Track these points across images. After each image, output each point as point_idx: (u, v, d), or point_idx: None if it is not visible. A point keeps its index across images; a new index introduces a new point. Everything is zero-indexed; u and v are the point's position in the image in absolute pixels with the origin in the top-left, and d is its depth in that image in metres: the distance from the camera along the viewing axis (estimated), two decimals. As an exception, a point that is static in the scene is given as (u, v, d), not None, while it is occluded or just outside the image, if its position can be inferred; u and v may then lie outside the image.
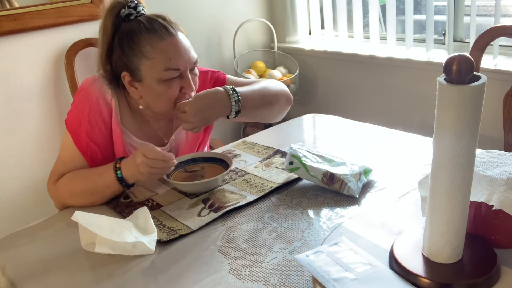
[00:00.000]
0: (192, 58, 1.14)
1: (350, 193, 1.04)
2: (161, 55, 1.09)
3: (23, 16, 1.75)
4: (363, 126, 1.49)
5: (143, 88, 1.14)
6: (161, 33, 1.10)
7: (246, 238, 0.93)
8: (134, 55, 1.11)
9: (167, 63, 1.10)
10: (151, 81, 1.12)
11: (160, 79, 1.11)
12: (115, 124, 1.17)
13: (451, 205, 0.72)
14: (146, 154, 1.04)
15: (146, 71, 1.11)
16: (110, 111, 1.16)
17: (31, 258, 0.95)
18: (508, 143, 1.48)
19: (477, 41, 1.50)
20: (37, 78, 1.87)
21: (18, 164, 1.88)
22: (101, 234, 0.90)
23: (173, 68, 1.10)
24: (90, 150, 1.15)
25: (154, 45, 1.09)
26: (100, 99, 1.15)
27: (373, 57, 2.29)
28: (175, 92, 1.13)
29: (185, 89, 1.14)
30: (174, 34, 1.12)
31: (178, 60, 1.11)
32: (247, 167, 1.24)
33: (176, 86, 1.13)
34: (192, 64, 1.15)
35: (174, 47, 1.11)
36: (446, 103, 0.67)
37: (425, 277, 0.74)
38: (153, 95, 1.14)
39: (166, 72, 1.10)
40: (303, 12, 2.66)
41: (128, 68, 1.13)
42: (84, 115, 1.14)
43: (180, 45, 1.12)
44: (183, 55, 1.12)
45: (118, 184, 1.08)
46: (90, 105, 1.14)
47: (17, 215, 1.90)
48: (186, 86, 1.14)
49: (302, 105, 2.69)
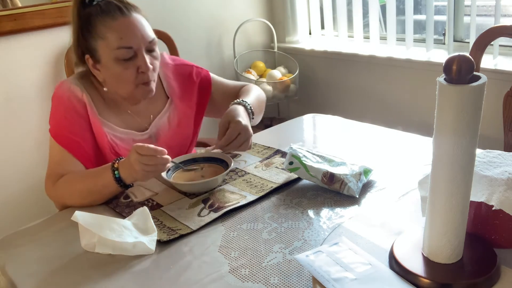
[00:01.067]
0: (147, 38, 1.17)
1: (350, 193, 1.04)
2: (113, 34, 1.13)
3: (23, 16, 1.76)
4: (363, 126, 1.49)
5: (104, 70, 1.18)
6: (114, 14, 1.14)
7: (246, 238, 0.93)
8: (92, 37, 1.15)
9: (119, 42, 1.13)
10: (108, 61, 1.15)
11: (116, 58, 1.14)
12: (93, 117, 1.20)
13: (451, 205, 0.72)
14: (138, 150, 1.04)
15: (103, 51, 1.15)
16: (84, 106, 1.19)
17: (31, 258, 0.95)
18: (508, 143, 1.48)
19: (477, 41, 1.50)
20: (37, 78, 1.87)
21: (18, 164, 1.88)
22: (101, 234, 0.90)
23: (125, 46, 1.13)
24: (75, 145, 1.18)
25: (107, 25, 1.13)
26: (71, 97, 1.19)
27: (373, 57, 2.29)
28: (132, 72, 1.16)
29: (142, 68, 1.16)
30: (128, 14, 1.15)
31: (130, 38, 1.14)
32: (247, 167, 1.24)
33: (132, 66, 1.16)
34: (147, 43, 1.17)
35: (125, 26, 1.14)
36: (446, 103, 0.67)
37: (425, 277, 0.74)
38: (112, 76, 1.18)
39: (119, 51, 1.13)
40: (303, 12, 2.66)
41: (89, 51, 1.18)
42: (61, 116, 1.19)
43: (132, 24, 1.15)
44: (135, 33, 1.14)
45: (116, 184, 1.08)
46: (64, 106, 1.19)
47: (17, 215, 1.90)
48: (142, 65, 1.16)
49: (302, 105, 2.69)
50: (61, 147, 1.17)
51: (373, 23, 2.32)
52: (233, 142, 1.18)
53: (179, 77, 1.37)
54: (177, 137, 1.34)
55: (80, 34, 1.17)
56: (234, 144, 1.18)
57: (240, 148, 1.19)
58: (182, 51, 2.04)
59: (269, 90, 2.45)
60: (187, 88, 1.37)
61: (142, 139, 1.28)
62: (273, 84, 2.46)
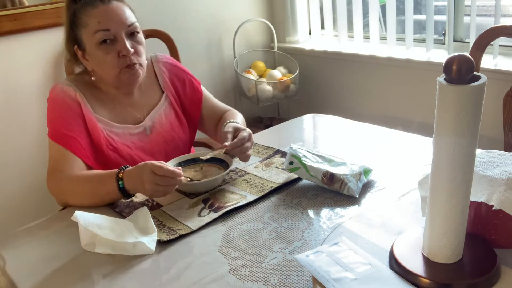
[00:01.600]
0: (126, 22, 1.20)
1: (350, 193, 1.04)
2: (92, 20, 1.18)
3: (23, 16, 1.76)
4: (363, 126, 1.49)
5: (90, 58, 1.22)
6: (94, 3, 1.19)
7: (246, 238, 0.93)
8: (77, 28, 1.21)
9: (97, 26, 1.17)
10: (91, 48, 1.20)
11: (96, 43, 1.18)
12: (88, 114, 1.22)
13: (451, 205, 0.72)
14: (155, 170, 1.01)
15: (86, 39, 1.20)
16: (78, 104, 1.22)
17: (31, 258, 0.95)
18: (508, 143, 1.48)
19: (477, 41, 1.50)
20: (37, 78, 1.87)
21: (18, 164, 1.88)
22: (101, 234, 0.90)
23: (103, 29, 1.17)
24: (72, 142, 1.18)
25: (88, 13, 1.18)
26: (65, 97, 1.22)
27: (373, 57, 2.29)
28: (114, 57, 1.19)
29: (123, 52, 1.19)
30: (107, 3, 1.20)
31: (107, 22, 1.17)
32: (247, 167, 1.24)
33: (113, 51, 1.19)
34: (126, 27, 1.20)
35: (104, 12, 1.18)
36: (446, 103, 0.67)
37: (425, 277, 0.74)
38: (97, 63, 1.22)
39: (97, 34, 1.17)
40: (303, 12, 2.66)
41: (76, 42, 1.23)
42: (56, 116, 1.22)
43: (110, 9, 1.19)
44: (113, 17, 1.18)
45: (119, 193, 1.07)
46: (59, 106, 1.22)
47: (17, 215, 1.90)
48: (122, 49, 1.18)
49: (302, 105, 2.69)
50: (59, 145, 1.18)
51: (373, 23, 2.32)
52: (241, 147, 1.18)
53: (174, 77, 1.40)
54: (173, 132, 1.36)
55: (70, 28, 1.23)
56: (240, 149, 1.18)
57: (244, 155, 1.19)
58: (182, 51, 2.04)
59: (269, 90, 2.44)
60: (180, 91, 1.40)
61: (137, 132, 1.29)
62: (273, 84, 2.45)
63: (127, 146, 1.26)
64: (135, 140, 1.28)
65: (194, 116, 1.42)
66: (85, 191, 1.11)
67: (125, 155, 1.25)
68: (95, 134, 1.22)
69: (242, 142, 1.18)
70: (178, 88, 1.39)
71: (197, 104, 1.42)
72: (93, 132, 1.22)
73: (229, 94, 2.59)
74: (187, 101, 1.40)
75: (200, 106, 1.42)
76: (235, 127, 1.23)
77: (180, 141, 1.38)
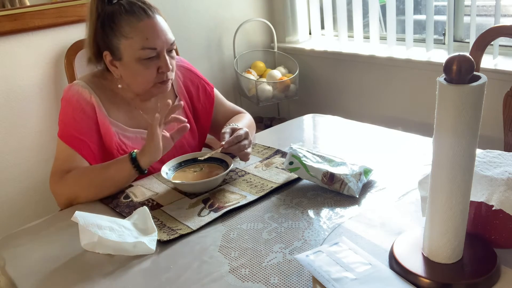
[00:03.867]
0: (169, 40, 1.21)
1: (350, 193, 1.04)
2: (139, 35, 1.16)
3: (23, 16, 1.76)
4: (363, 126, 1.49)
5: (123, 67, 1.21)
6: (139, 15, 1.17)
7: (246, 238, 0.93)
8: (114, 35, 1.18)
9: (144, 43, 1.16)
10: (129, 60, 1.18)
11: (138, 58, 1.17)
12: (102, 118, 1.22)
13: (451, 205, 0.72)
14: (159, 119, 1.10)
15: (125, 50, 1.18)
16: (92, 107, 1.22)
17: (31, 257, 0.95)
18: (508, 143, 1.48)
19: (477, 41, 1.50)
20: (37, 78, 1.87)
21: (18, 164, 1.88)
22: (101, 235, 0.90)
23: (150, 47, 1.17)
24: (82, 145, 1.19)
25: (133, 26, 1.16)
26: (80, 99, 1.21)
27: (373, 57, 2.29)
28: (153, 72, 1.20)
29: (162, 68, 1.20)
30: (152, 16, 1.19)
31: (155, 40, 1.17)
32: (247, 167, 1.24)
33: (153, 66, 1.19)
34: (169, 45, 1.21)
35: (151, 28, 1.17)
36: (446, 103, 0.67)
37: (425, 277, 0.74)
38: (131, 74, 1.21)
39: (143, 51, 1.17)
40: (303, 12, 2.66)
41: (109, 48, 1.20)
42: (69, 117, 1.21)
43: (157, 26, 1.18)
44: (160, 35, 1.18)
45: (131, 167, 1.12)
46: (72, 107, 1.21)
47: (17, 215, 1.90)
48: (163, 66, 1.20)
49: (302, 105, 2.69)
50: (68, 146, 1.19)
51: (373, 23, 2.32)
52: (238, 144, 1.19)
53: (188, 82, 1.41)
54: (183, 138, 1.36)
55: (101, 30, 1.19)
56: (238, 146, 1.19)
57: (242, 153, 1.20)
58: (182, 51, 2.04)
59: (269, 90, 2.45)
60: (194, 96, 1.41)
61: None
62: (273, 84, 2.46)
63: None
64: None
65: (205, 122, 1.43)
66: (93, 178, 1.15)
67: None
68: (107, 138, 1.22)
69: (238, 139, 1.19)
70: (192, 93, 1.40)
71: (209, 110, 1.43)
72: (105, 136, 1.22)
73: (229, 94, 2.59)
74: (199, 106, 1.41)
75: (211, 112, 1.44)
76: (232, 127, 1.24)
77: (189, 147, 1.39)
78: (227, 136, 1.21)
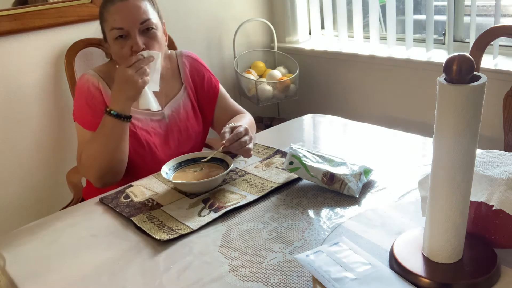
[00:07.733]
0: (140, 19, 1.27)
1: (350, 193, 1.04)
2: (111, 17, 1.27)
3: (23, 16, 1.75)
4: (363, 126, 1.49)
5: (110, 49, 1.33)
6: (115, 1, 1.27)
7: (246, 238, 0.93)
8: (102, 22, 1.32)
9: (113, 23, 1.27)
10: (110, 40, 1.30)
11: (113, 38, 1.28)
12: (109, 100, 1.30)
13: (451, 205, 0.72)
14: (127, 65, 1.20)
15: (107, 33, 1.31)
16: (100, 92, 1.32)
17: (31, 257, 0.95)
18: (508, 143, 1.49)
19: (477, 41, 1.50)
20: (37, 78, 1.87)
21: (18, 164, 1.88)
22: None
23: (117, 27, 1.26)
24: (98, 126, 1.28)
25: (108, 10, 1.28)
26: (90, 87, 1.32)
27: (373, 57, 2.29)
28: (127, 51, 1.27)
29: (134, 47, 1.27)
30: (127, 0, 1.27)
31: (122, 20, 1.26)
32: (247, 167, 1.24)
33: (127, 46, 1.27)
34: (138, 24, 1.27)
35: (120, 10, 1.26)
36: (446, 103, 0.67)
37: (425, 277, 0.74)
38: (115, 54, 1.32)
39: (112, 31, 1.27)
40: (303, 12, 2.66)
41: (103, 35, 1.34)
42: (83, 103, 1.32)
43: (126, 7, 1.27)
44: (127, 15, 1.26)
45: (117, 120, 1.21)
46: (84, 94, 1.32)
47: (17, 215, 1.89)
48: (134, 44, 1.27)
49: (302, 105, 2.69)
50: (88, 131, 1.30)
51: (373, 23, 2.32)
52: (238, 141, 1.20)
53: (194, 71, 1.47)
54: (188, 122, 1.42)
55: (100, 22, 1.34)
56: (239, 143, 1.20)
57: (243, 149, 1.21)
58: (182, 51, 2.04)
59: (269, 90, 2.44)
60: (198, 84, 1.47)
61: (157, 119, 1.38)
62: (273, 84, 2.45)
63: (146, 132, 1.35)
64: (155, 126, 1.37)
65: (208, 111, 1.48)
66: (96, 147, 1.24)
67: (142, 140, 1.34)
68: None
69: (238, 136, 1.20)
70: (196, 82, 1.46)
71: (212, 100, 1.48)
72: None
73: (229, 94, 2.58)
74: (203, 95, 1.47)
75: (215, 102, 1.48)
76: (232, 126, 1.26)
77: (193, 132, 1.44)
78: (227, 135, 1.22)
